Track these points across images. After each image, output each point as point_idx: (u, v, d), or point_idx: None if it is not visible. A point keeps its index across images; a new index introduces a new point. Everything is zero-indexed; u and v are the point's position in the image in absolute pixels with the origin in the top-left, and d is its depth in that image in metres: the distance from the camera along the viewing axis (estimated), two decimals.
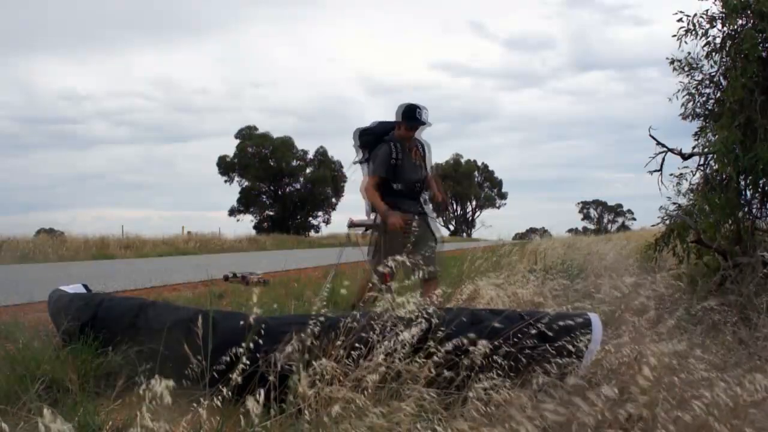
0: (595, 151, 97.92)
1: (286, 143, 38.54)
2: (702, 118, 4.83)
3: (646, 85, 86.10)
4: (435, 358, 1.98)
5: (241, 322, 2.20)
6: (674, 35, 4.56)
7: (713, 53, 4.53)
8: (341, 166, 40.21)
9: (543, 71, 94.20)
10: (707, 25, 4.46)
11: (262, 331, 2.05)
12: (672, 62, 4.76)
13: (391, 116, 4.01)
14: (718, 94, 4.67)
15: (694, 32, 4.50)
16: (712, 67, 4.63)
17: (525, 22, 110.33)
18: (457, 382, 1.99)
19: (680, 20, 4.50)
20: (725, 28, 4.43)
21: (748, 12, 4.29)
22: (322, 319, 2.04)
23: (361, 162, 4.09)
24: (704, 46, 4.54)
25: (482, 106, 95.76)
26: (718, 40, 4.48)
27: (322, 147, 39.69)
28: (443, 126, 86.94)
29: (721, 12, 4.41)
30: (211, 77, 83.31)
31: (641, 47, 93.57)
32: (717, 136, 4.41)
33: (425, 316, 2.13)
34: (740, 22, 4.36)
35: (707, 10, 4.47)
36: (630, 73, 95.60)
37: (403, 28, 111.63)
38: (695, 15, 4.48)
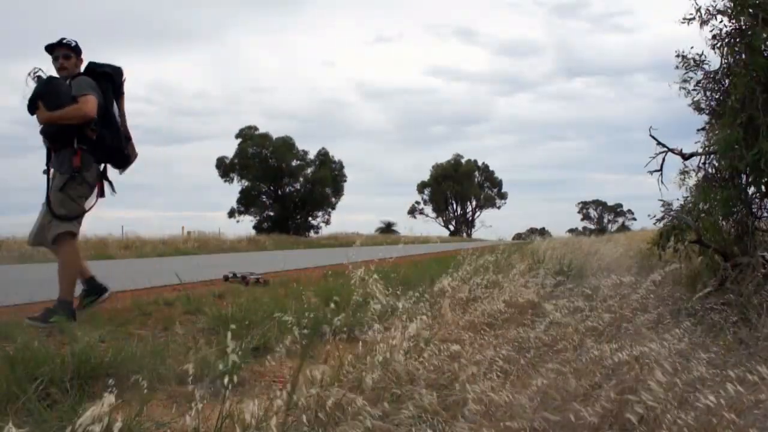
0: (593, 152, 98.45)
1: (287, 143, 38.52)
2: (708, 114, 4.86)
3: (637, 90, 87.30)
4: None
5: None
6: (682, 20, 4.59)
7: (719, 46, 4.53)
8: (342, 167, 40.30)
9: (533, 77, 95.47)
10: (712, 17, 4.49)
11: None
12: (678, 55, 4.82)
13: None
14: (719, 94, 4.68)
15: (700, 21, 4.52)
16: (717, 55, 4.64)
17: (516, 30, 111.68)
18: None
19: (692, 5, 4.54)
20: (732, 24, 4.44)
21: (751, 10, 4.28)
22: None
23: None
24: (711, 39, 4.56)
25: (477, 109, 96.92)
26: (724, 33, 4.50)
27: (323, 148, 39.79)
28: (440, 128, 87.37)
29: (729, 7, 4.43)
30: (212, 83, 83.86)
31: (629, 53, 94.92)
32: (719, 134, 4.41)
33: None
34: (744, 18, 4.36)
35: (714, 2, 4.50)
36: (618, 78, 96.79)
37: (399, 35, 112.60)
38: (705, 9, 4.51)
